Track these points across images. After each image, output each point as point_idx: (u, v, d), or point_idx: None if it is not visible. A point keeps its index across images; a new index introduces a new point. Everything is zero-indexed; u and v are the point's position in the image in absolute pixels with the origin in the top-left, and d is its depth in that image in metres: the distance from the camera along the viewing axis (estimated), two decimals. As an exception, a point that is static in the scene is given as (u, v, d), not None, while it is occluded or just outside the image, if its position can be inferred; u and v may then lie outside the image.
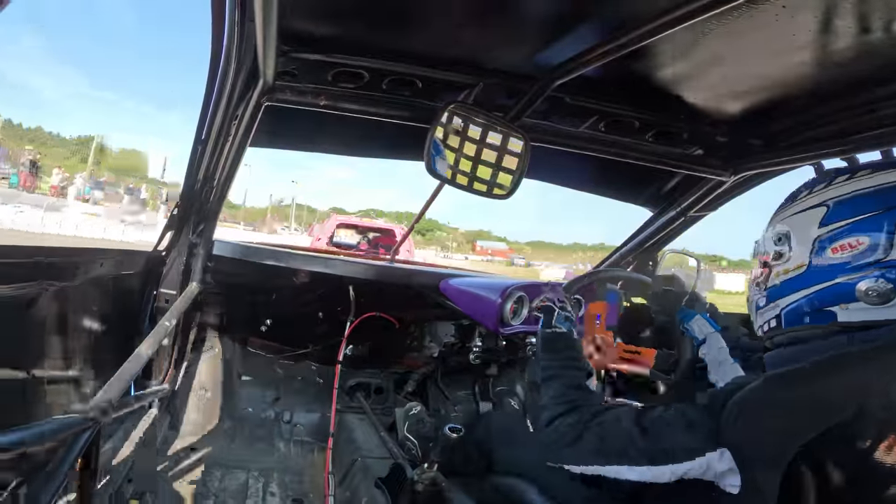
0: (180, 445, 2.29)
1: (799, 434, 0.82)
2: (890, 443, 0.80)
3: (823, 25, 1.05)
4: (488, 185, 1.55)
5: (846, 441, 0.82)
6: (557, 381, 1.19)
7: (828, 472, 0.83)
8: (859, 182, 0.95)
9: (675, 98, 1.49)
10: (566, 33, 1.24)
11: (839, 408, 0.81)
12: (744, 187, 1.95)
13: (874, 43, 1.08)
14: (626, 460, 0.96)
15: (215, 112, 1.52)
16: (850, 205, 0.94)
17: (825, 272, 0.95)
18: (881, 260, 0.89)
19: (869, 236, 0.91)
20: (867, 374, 0.81)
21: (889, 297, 0.88)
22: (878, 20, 1.00)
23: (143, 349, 1.55)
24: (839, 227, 0.94)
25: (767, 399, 0.87)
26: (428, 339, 2.65)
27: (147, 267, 1.99)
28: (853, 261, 0.92)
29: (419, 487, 1.77)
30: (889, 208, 0.90)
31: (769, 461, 0.83)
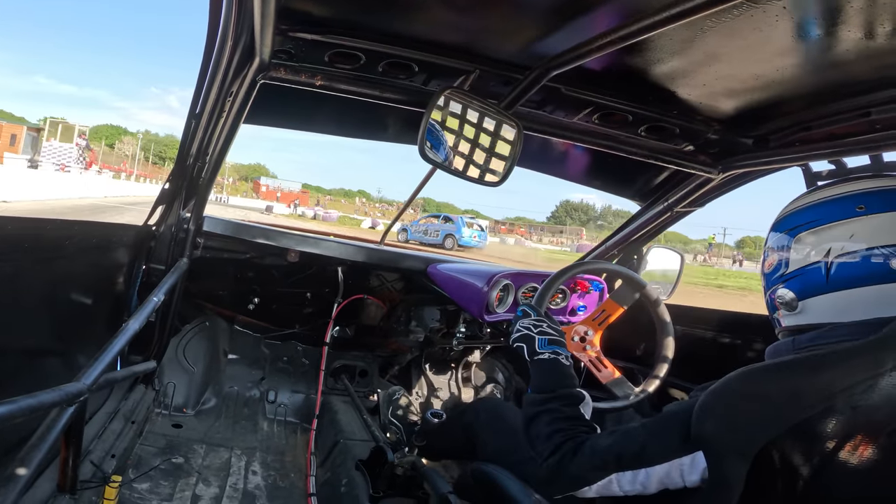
0: (165, 422, 2.30)
1: (768, 427, 0.85)
2: (855, 443, 0.83)
3: (823, 28, 1.06)
4: (481, 171, 1.55)
5: (813, 438, 0.84)
6: (545, 417, 1.16)
7: (794, 468, 0.85)
8: (796, 202, 1.09)
9: (670, 94, 1.50)
10: (565, 24, 1.24)
11: (809, 404, 0.83)
12: (731, 185, 1.97)
13: (873, 48, 1.09)
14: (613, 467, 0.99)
15: (210, 88, 1.52)
16: (777, 225, 1.10)
17: (767, 283, 1.11)
18: (784, 273, 1.05)
19: (777, 252, 1.07)
20: (834, 373, 0.84)
21: (793, 305, 1.03)
22: (879, 25, 1.01)
23: (131, 324, 1.56)
24: (769, 245, 1.11)
25: (741, 392, 0.90)
26: (413, 323, 2.67)
27: (136, 241, 1.99)
28: (772, 274, 1.09)
29: (399, 471, 1.80)
30: (792, 228, 1.05)
31: (737, 453, 0.86)
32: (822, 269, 0.98)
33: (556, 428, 1.10)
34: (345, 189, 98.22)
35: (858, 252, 0.95)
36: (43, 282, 1.41)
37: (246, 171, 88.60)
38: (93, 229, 1.66)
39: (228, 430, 2.39)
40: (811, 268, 1.00)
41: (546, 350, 1.31)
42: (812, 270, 0.99)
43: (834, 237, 0.98)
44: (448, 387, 2.87)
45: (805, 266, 1.01)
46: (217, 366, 2.61)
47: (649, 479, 0.95)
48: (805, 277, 1.01)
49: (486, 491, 1.45)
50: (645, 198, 2.30)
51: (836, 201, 1.01)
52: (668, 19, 1.05)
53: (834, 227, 0.99)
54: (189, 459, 2.06)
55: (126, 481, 1.76)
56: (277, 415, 2.60)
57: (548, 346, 1.32)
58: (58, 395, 1.09)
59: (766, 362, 0.96)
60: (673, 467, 0.92)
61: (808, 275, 1.00)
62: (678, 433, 0.93)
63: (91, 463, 1.61)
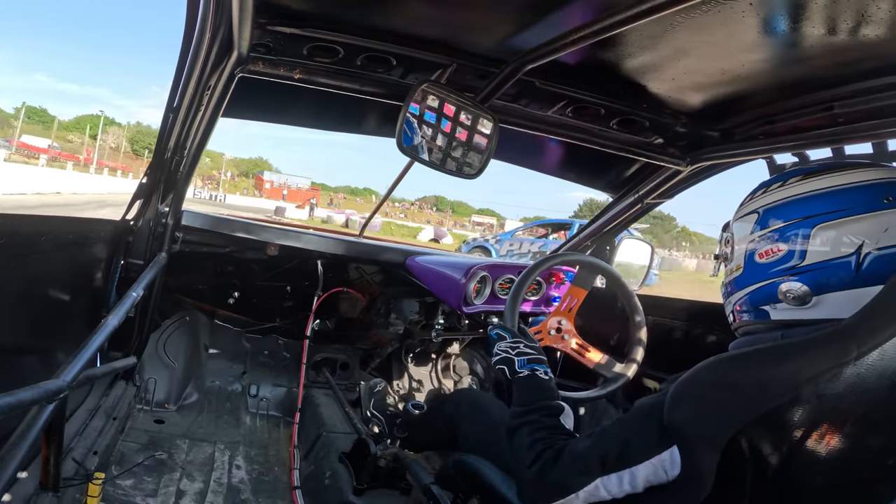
0: (147, 418, 2.30)
1: (738, 416, 0.86)
2: (822, 431, 0.84)
3: (787, 24, 1.08)
4: (458, 164, 1.57)
5: (781, 427, 0.86)
6: (525, 428, 1.15)
7: (763, 457, 0.87)
8: (787, 190, 1.03)
9: (641, 88, 1.53)
10: (539, 18, 1.26)
11: (777, 393, 0.84)
12: (699, 177, 2.02)
13: (836, 43, 1.11)
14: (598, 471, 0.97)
15: (188, 81, 1.51)
16: (775, 212, 1.03)
17: (756, 275, 1.04)
18: (797, 265, 0.98)
19: (786, 243, 0.99)
20: (801, 363, 0.85)
21: (805, 300, 0.96)
22: (843, 21, 1.03)
23: (110, 320, 1.54)
24: (765, 234, 1.03)
25: (711, 381, 0.92)
26: (393, 315, 2.69)
27: (114, 236, 1.97)
28: (775, 265, 1.01)
29: (381, 463, 1.83)
30: (807, 217, 0.98)
31: (708, 443, 0.87)
32: (853, 264, 0.92)
33: (536, 437, 1.10)
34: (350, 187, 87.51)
35: (893, 247, 0.91)
36: (18, 279, 1.39)
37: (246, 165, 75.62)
38: (69, 225, 1.64)
39: (211, 424, 2.40)
40: (837, 262, 0.94)
41: (525, 369, 1.33)
42: (838, 265, 0.94)
43: (865, 230, 0.92)
44: (428, 378, 2.90)
45: (830, 260, 0.94)
46: (198, 360, 2.61)
47: (636, 480, 0.93)
48: (828, 272, 0.94)
49: (468, 481, 1.47)
50: (616, 189, 2.35)
51: (859, 190, 0.95)
52: (640, 14, 1.07)
53: (864, 219, 0.93)
54: (172, 455, 2.07)
55: (109, 478, 1.76)
56: (260, 409, 2.61)
57: (526, 365, 1.33)
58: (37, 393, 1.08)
59: (734, 352, 0.97)
60: (656, 465, 0.91)
61: (833, 269, 0.94)
62: (655, 428, 0.92)
63: (73, 460, 1.61)
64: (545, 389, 1.27)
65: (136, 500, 1.75)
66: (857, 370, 0.82)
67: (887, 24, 1.01)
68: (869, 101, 1.30)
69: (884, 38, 1.06)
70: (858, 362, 0.82)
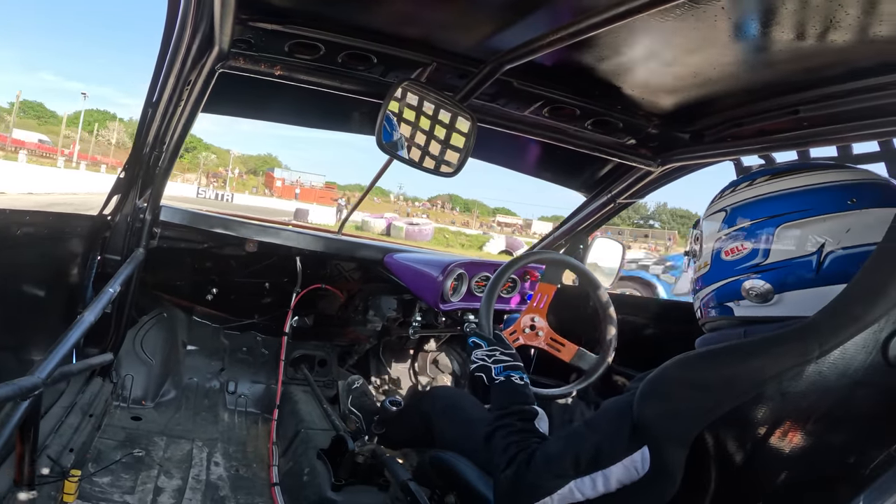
0: (124, 415, 2.27)
1: (705, 414, 0.87)
2: (785, 429, 0.85)
3: (757, 29, 1.11)
4: (437, 162, 1.59)
5: (746, 425, 0.87)
6: (500, 432, 1.16)
7: (728, 455, 0.88)
8: (755, 189, 1.04)
9: (615, 89, 1.56)
10: (518, 20, 1.28)
11: (742, 391, 0.85)
12: (669, 178, 2.06)
13: (804, 48, 1.14)
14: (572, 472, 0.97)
15: (168, 76, 1.51)
16: (742, 211, 1.04)
17: (722, 272, 1.06)
18: (760, 263, 0.99)
19: (751, 242, 1.01)
20: (765, 361, 0.86)
21: (767, 298, 0.98)
22: (810, 27, 1.06)
23: (86, 316, 1.53)
24: (730, 232, 1.05)
25: (678, 378, 0.93)
26: (371, 312, 2.70)
27: (91, 231, 1.95)
28: (740, 263, 1.02)
29: (360, 459, 1.84)
30: (772, 216, 0.99)
31: (676, 440, 0.88)
32: (814, 263, 0.94)
33: (510, 441, 1.11)
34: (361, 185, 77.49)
35: (855, 248, 0.92)
36: None
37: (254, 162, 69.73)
38: (44, 219, 1.63)
39: (189, 421, 2.38)
40: (799, 261, 0.95)
41: (500, 375, 1.34)
42: (800, 263, 0.95)
43: (828, 230, 0.94)
44: (406, 375, 2.92)
45: (792, 258, 0.96)
46: (176, 357, 2.59)
47: (609, 482, 0.93)
48: (790, 270, 0.96)
49: (445, 477, 1.49)
50: (590, 189, 2.38)
51: (824, 191, 0.97)
52: (615, 17, 1.09)
53: (827, 220, 0.94)
54: (150, 452, 2.05)
55: (86, 475, 1.74)
56: (238, 405, 2.59)
57: (502, 372, 1.34)
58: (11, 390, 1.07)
59: (701, 350, 0.97)
60: (628, 466, 0.91)
61: (794, 268, 0.96)
62: (626, 429, 0.93)
63: (48, 458, 1.59)
64: (519, 394, 1.28)
65: (113, 498, 1.74)
66: (818, 368, 0.83)
67: (853, 31, 1.05)
68: (834, 106, 1.34)
69: (850, 44, 1.10)
70: (820, 361, 0.82)
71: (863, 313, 0.81)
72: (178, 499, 1.84)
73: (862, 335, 0.81)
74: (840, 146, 1.41)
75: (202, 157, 57.48)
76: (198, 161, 56.42)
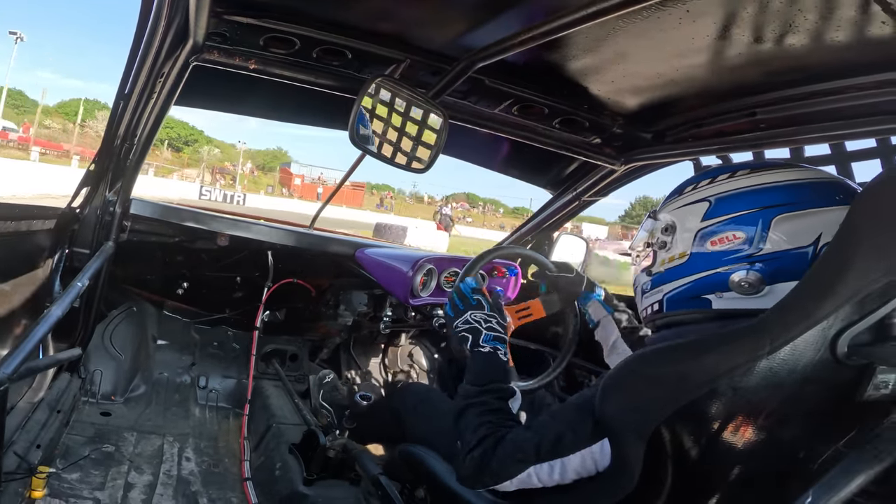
0: (93, 410, 2.24)
1: (661, 408, 0.88)
2: (737, 423, 0.87)
3: (720, 32, 1.14)
4: (408, 159, 1.61)
5: (700, 420, 0.88)
6: (474, 409, 1.14)
7: (684, 449, 0.89)
8: (739, 181, 1.03)
9: (583, 89, 1.60)
10: (491, 18, 1.30)
11: (696, 385, 0.86)
12: (632, 176, 2.10)
13: (763, 52, 1.18)
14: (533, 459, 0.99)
15: (140, 68, 1.49)
16: (729, 202, 1.02)
17: (704, 262, 1.03)
18: (753, 254, 0.97)
19: (744, 231, 0.98)
20: (718, 357, 0.86)
21: (758, 288, 0.96)
22: (770, 31, 1.09)
23: (53, 311, 1.51)
24: (718, 222, 1.02)
25: (637, 373, 0.95)
26: (342, 307, 2.71)
27: (59, 224, 1.92)
28: (729, 253, 1.00)
29: (331, 454, 1.85)
30: (763, 207, 0.98)
31: (635, 434, 0.89)
32: (809, 255, 0.93)
33: (483, 420, 1.11)
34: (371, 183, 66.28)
35: None
36: None
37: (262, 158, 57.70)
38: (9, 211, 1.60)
39: (159, 416, 2.36)
40: (794, 252, 0.94)
41: (488, 345, 1.29)
42: (795, 255, 0.94)
43: (823, 223, 0.93)
44: (377, 369, 2.93)
45: (788, 249, 0.95)
46: (146, 352, 2.56)
47: (566, 470, 0.96)
48: (785, 261, 0.95)
49: (415, 471, 1.50)
50: (556, 187, 2.42)
51: (814, 186, 0.98)
52: (584, 18, 1.11)
53: (821, 213, 0.94)
54: (120, 448, 2.03)
55: (54, 472, 1.72)
56: (209, 400, 2.58)
57: (491, 342, 1.30)
58: None
59: (660, 345, 0.98)
60: (586, 457, 0.94)
61: (789, 259, 0.95)
62: (587, 420, 0.95)
63: (15, 454, 1.56)
64: (501, 371, 1.25)
65: (83, 494, 1.72)
66: (769, 364, 0.83)
67: (811, 35, 1.08)
68: (789, 109, 1.38)
69: (807, 49, 1.13)
70: (771, 357, 0.83)
71: (812, 310, 0.82)
72: (150, 494, 1.83)
73: (811, 332, 0.82)
74: (793, 148, 1.46)
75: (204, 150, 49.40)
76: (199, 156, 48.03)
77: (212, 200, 31.23)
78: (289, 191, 48.16)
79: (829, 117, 1.34)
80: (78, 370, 2.28)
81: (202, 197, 31.85)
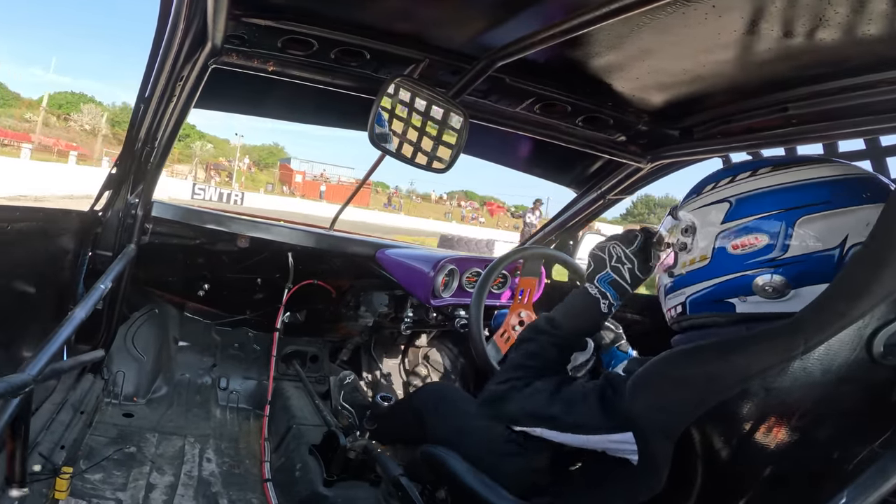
0: (115, 411, 2.27)
1: (691, 409, 0.87)
2: (769, 424, 0.85)
3: (748, 27, 1.11)
4: (429, 159, 1.59)
5: (731, 421, 0.87)
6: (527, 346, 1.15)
7: (715, 449, 0.89)
8: (760, 180, 0.99)
9: (606, 86, 1.57)
10: (511, 16, 1.28)
11: (726, 386, 0.85)
12: (658, 174, 2.06)
13: (793, 47, 1.14)
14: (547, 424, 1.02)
15: (160, 72, 1.50)
16: (750, 202, 0.99)
17: (725, 266, 1.00)
18: (777, 258, 0.94)
19: (767, 234, 0.95)
20: (750, 357, 0.85)
21: (783, 292, 0.93)
22: (799, 26, 1.06)
23: (77, 313, 1.52)
24: (740, 224, 0.98)
25: (666, 374, 0.93)
26: (363, 308, 2.71)
27: (82, 227, 1.94)
28: (752, 257, 0.96)
29: (351, 455, 1.84)
30: (790, 208, 0.94)
31: (663, 434, 0.89)
32: (835, 258, 0.90)
33: (525, 363, 1.11)
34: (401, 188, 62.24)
35: None
36: None
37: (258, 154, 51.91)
38: (35, 215, 1.62)
39: (181, 417, 2.38)
40: (820, 254, 0.92)
41: (601, 286, 1.20)
42: (821, 258, 0.91)
43: (850, 224, 0.91)
44: (397, 370, 2.93)
45: (813, 252, 0.92)
46: (167, 353, 2.58)
47: (574, 441, 1.00)
48: (810, 264, 0.92)
49: (436, 472, 1.49)
50: (580, 185, 2.39)
51: (842, 184, 0.94)
52: (607, 14, 1.09)
53: (848, 213, 0.91)
54: (142, 448, 2.05)
55: (77, 472, 1.74)
56: (230, 401, 2.60)
57: (605, 286, 1.20)
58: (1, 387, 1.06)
59: (688, 346, 0.97)
60: (600, 441, 0.96)
61: (814, 262, 0.92)
62: (613, 412, 0.95)
63: (40, 455, 1.58)
64: (588, 322, 1.19)
65: (105, 494, 1.74)
66: (803, 365, 0.82)
67: (842, 28, 1.05)
68: (822, 104, 1.34)
69: (839, 42, 1.10)
70: (805, 357, 0.81)
71: (847, 309, 0.80)
72: (171, 495, 1.84)
73: (847, 331, 0.80)
74: (826, 144, 1.42)
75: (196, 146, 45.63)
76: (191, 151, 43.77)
77: (206, 200, 29.01)
78: (289, 189, 44.12)
79: (863, 112, 1.29)
80: (101, 371, 2.30)
81: (195, 196, 29.12)
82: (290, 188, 43.88)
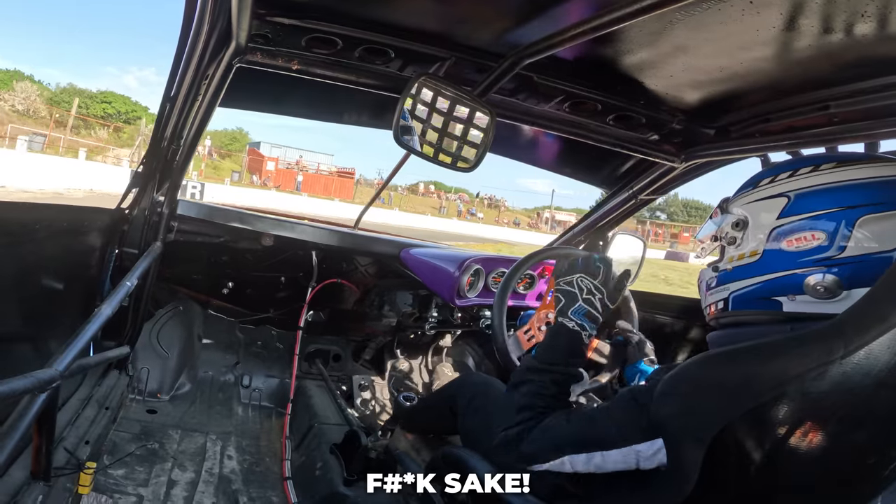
0: (139, 408, 2.30)
1: (724, 413, 0.86)
2: (805, 429, 0.84)
3: (787, 24, 1.08)
4: (453, 158, 1.57)
5: (766, 424, 0.85)
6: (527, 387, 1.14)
7: (747, 454, 0.87)
8: (822, 176, 0.96)
9: (638, 84, 1.53)
10: (538, 13, 1.26)
11: (762, 390, 0.84)
12: (693, 174, 2.01)
13: (833, 43, 1.11)
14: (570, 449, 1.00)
15: (185, 71, 1.51)
16: (810, 199, 0.96)
17: (777, 262, 0.97)
18: (833, 257, 0.91)
19: (824, 231, 0.92)
20: (788, 361, 0.84)
21: (835, 293, 0.91)
22: (840, 22, 1.03)
23: (103, 309, 1.54)
24: (797, 220, 0.96)
25: (698, 377, 0.91)
26: (386, 307, 2.70)
27: (109, 225, 1.97)
28: (806, 255, 0.94)
29: (372, 454, 1.83)
30: (847, 207, 0.91)
31: (694, 438, 0.87)
32: (893, 260, 0.88)
33: (531, 403, 1.10)
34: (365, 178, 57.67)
35: None
36: (12, 267, 1.39)
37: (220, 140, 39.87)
38: (63, 213, 1.64)
39: (203, 415, 2.40)
40: (878, 256, 0.89)
41: (576, 319, 1.21)
42: (879, 259, 0.89)
43: None
44: (420, 371, 2.91)
45: (871, 253, 0.89)
46: (191, 351, 2.61)
47: (605, 462, 0.95)
48: (867, 266, 0.89)
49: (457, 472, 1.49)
50: (611, 185, 2.34)
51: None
52: (639, 11, 1.06)
53: None
54: (164, 445, 2.07)
55: (101, 467, 1.76)
56: (252, 399, 2.61)
57: (581, 318, 1.21)
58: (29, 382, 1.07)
59: (724, 349, 0.95)
60: (629, 453, 0.92)
61: (871, 263, 0.89)
62: (638, 421, 0.93)
63: (65, 450, 1.60)
64: (575, 355, 1.20)
65: (127, 490, 1.75)
66: (842, 369, 0.80)
67: (883, 23, 1.01)
68: (864, 102, 1.30)
69: (880, 38, 1.06)
70: (845, 361, 0.80)
71: (889, 314, 0.79)
72: (191, 491, 1.85)
73: (888, 336, 0.79)
74: (868, 143, 1.37)
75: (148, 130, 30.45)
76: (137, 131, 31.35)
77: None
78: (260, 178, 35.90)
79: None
80: (126, 368, 2.33)
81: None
82: (262, 178, 36.02)
